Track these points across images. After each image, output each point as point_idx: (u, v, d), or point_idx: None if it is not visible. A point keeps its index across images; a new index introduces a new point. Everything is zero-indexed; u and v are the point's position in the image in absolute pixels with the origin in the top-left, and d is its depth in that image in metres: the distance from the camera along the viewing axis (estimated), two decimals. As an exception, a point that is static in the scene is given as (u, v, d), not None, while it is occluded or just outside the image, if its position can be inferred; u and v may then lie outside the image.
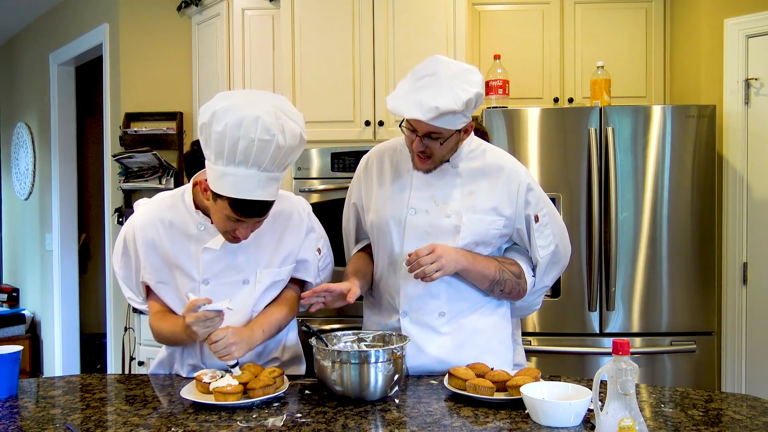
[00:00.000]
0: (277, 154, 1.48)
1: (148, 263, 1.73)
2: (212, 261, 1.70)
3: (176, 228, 1.71)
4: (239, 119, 1.45)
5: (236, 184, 1.49)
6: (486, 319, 1.83)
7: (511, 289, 1.81)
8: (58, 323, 4.80)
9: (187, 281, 1.71)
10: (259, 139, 1.45)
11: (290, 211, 1.79)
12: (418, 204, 1.79)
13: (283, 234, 1.76)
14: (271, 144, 1.46)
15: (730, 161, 3.08)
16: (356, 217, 1.96)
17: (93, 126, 5.22)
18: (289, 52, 3.19)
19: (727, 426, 1.36)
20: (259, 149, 1.46)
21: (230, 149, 1.46)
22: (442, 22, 3.15)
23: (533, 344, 2.93)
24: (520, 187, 1.79)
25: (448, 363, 1.75)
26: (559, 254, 1.85)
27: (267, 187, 1.52)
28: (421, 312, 1.78)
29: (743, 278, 3.06)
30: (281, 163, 1.51)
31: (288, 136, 1.48)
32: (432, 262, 1.65)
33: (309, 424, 1.38)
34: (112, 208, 3.98)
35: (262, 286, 1.74)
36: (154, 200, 1.79)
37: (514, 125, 2.94)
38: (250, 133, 1.44)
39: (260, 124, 1.45)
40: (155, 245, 1.72)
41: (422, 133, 1.68)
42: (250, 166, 1.48)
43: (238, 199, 1.50)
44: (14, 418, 1.45)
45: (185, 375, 1.80)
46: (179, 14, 3.86)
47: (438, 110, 1.59)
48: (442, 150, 1.72)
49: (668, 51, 3.42)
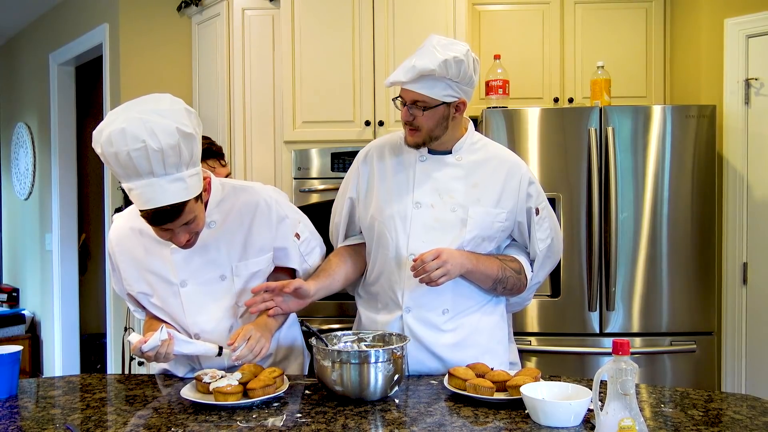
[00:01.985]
0: (158, 157, 1.43)
1: (127, 275, 1.76)
2: (184, 261, 1.70)
3: (147, 235, 1.71)
4: (108, 137, 1.43)
5: (140, 196, 1.48)
6: (487, 318, 1.84)
7: (513, 286, 1.82)
8: (58, 323, 4.80)
9: (165, 287, 1.72)
10: (132, 149, 1.42)
11: (255, 201, 1.76)
12: (422, 198, 1.78)
13: (252, 225, 1.74)
14: (146, 150, 1.42)
15: (730, 161, 3.08)
16: (349, 212, 1.93)
17: (93, 126, 5.15)
18: (289, 52, 3.19)
19: (727, 426, 1.36)
20: (138, 158, 1.42)
21: (116, 166, 1.46)
22: (442, 22, 3.15)
23: (533, 344, 2.93)
24: (522, 180, 1.80)
25: (447, 361, 1.76)
26: (554, 248, 1.87)
27: (171, 190, 1.48)
28: (425, 309, 1.78)
29: (743, 278, 3.06)
30: (172, 163, 1.46)
31: (161, 137, 1.43)
32: (438, 267, 1.65)
33: (309, 424, 1.38)
34: (112, 208, 3.98)
35: (240, 280, 1.74)
36: (126, 212, 1.81)
37: (514, 125, 2.94)
38: (122, 147, 1.42)
39: (127, 135, 1.41)
40: (131, 255, 1.74)
41: (408, 101, 1.72)
42: (145, 176, 1.45)
43: (148, 210, 1.49)
44: (14, 418, 1.45)
45: (182, 375, 1.80)
46: (179, 14, 3.86)
47: (415, 69, 1.65)
48: (427, 121, 1.73)
49: (668, 51, 3.42)
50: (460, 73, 1.68)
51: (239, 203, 1.73)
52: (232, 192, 1.75)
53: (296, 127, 3.18)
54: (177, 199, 1.49)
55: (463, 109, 1.77)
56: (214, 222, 1.71)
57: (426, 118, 1.73)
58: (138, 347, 1.56)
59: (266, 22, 3.42)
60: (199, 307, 1.73)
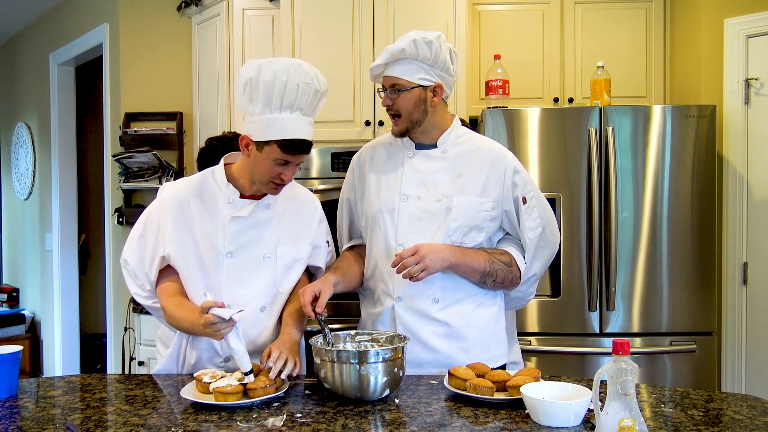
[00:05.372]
0: (315, 97, 1.69)
1: (175, 234, 1.78)
2: (238, 233, 1.78)
3: (205, 200, 1.80)
4: (285, 66, 1.65)
5: (286, 127, 1.66)
6: (482, 311, 1.85)
7: (504, 278, 1.83)
8: (58, 323, 4.80)
9: (212, 254, 1.77)
10: (303, 82, 1.65)
11: (305, 196, 1.93)
12: (409, 190, 1.84)
13: (300, 215, 1.88)
14: (311, 87, 1.66)
15: (730, 161, 3.08)
16: (349, 214, 2.01)
17: (93, 126, 5.22)
18: (289, 52, 3.19)
19: (727, 426, 1.36)
20: (303, 92, 1.65)
21: (279, 93, 1.64)
22: (442, 22, 3.15)
23: (533, 344, 2.93)
24: (506, 169, 1.84)
25: (437, 350, 1.78)
26: (547, 238, 1.88)
27: (309, 129, 1.70)
28: (415, 298, 1.81)
29: (743, 278, 3.06)
30: (315, 107, 1.71)
31: (322, 82, 1.70)
32: (417, 262, 1.69)
33: (309, 424, 1.38)
34: (112, 208, 3.98)
35: (282, 263, 1.82)
36: (183, 179, 1.89)
37: (514, 125, 2.94)
38: (295, 78, 1.64)
39: (302, 70, 1.66)
40: (183, 215, 1.79)
41: (387, 85, 1.82)
42: (294, 110, 1.66)
43: (288, 140, 1.66)
44: (14, 418, 1.45)
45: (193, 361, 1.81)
46: (179, 14, 3.86)
47: (388, 51, 1.77)
48: (405, 104, 1.80)
49: (668, 51, 3.42)
50: (431, 55, 1.75)
51: (292, 195, 1.89)
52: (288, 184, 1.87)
53: (296, 127, 3.18)
54: (312, 138, 1.71)
55: (440, 93, 1.82)
56: (271, 204, 1.83)
57: (403, 101, 1.80)
58: (210, 306, 1.55)
59: (266, 22, 3.42)
60: (238, 280, 1.78)
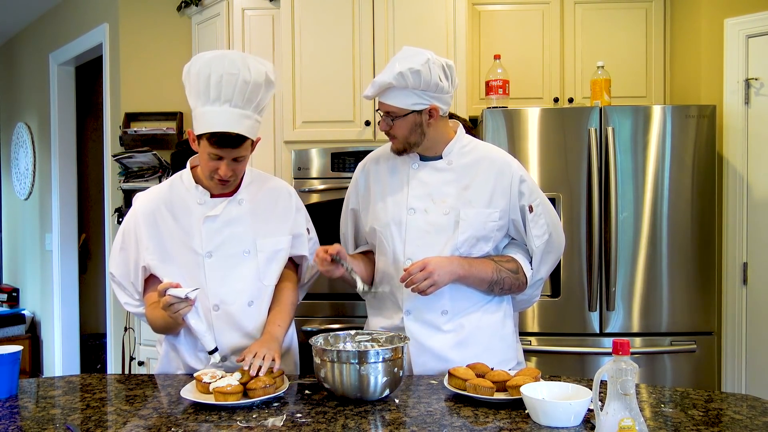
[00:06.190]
0: (243, 88, 1.66)
1: (151, 243, 1.79)
2: (213, 232, 1.79)
3: (177, 205, 1.81)
4: (209, 58, 1.67)
5: (211, 120, 1.66)
6: (489, 317, 1.85)
7: (511, 285, 1.84)
8: (58, 323, 4.80)
9: (191, 257, 1.78)
10: (227, 73, 1.64)
11: (281, 187, 1.94)
12: (416, 204, 1.83)
13: (276, 206, 1.89)
14: (237, 77, 1.65)
15: (730, 161, 3.08)
16: (354, 223, 2.01)
17: (93, 126, 5.22)
18: (289, 52, 3.19)
19: (727, 426, 1.36)
20: (227, 83, 1.64)
21: (204, 85, 1.65)
22: (442, 22, 3.15)
23: (533, 344, 2.93)
24: (513, 179, 1.83)
25: (449, 360, 1.77)
26: (553, 243, 1.88)
27: (239, 122, 1.67)
28: (424, 310, 1.81)
29: (743, 278, 3.06)
30: (250, 99, 1.68)
31: (253, 72, 1.67)
32: (425, 278, 1.69)
33: (309, 424, 1.38)
34: (112, 208, 3.98)
35: (264, 256, 1.83)
36: (154, 187, 1.91)
37: (514, 125, 2.94)
38: (219, 69, 1.64)
39: (227, 60, 1.65)
40: (156, 223, 1.80)
41: (383, 112, 1.81)
42: (223, 103, 1.66)
43: (215, 133, 1.65)
44: (14, 418, 1.45)
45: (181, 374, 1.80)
46: (179, 14, 3.86)
47: (375, 84, 1.75)
48: (400, 130, 1.79)
49: (668, 51, 3.42)
50: (421, 83, 1.73)
51: (266, 187, 1.90)
52: (259, 178, 1.92)
53: (296, 127, 3.18)
54: (244, 132, 1.68)
55: (436, 115, 1.80)
56: (243, 200, 1.83)
57: (399, 127, 1.79)
58: (165, 288, 1.60)
59: (266, 22, 3.42)
60: (221, 279, 1.79)
